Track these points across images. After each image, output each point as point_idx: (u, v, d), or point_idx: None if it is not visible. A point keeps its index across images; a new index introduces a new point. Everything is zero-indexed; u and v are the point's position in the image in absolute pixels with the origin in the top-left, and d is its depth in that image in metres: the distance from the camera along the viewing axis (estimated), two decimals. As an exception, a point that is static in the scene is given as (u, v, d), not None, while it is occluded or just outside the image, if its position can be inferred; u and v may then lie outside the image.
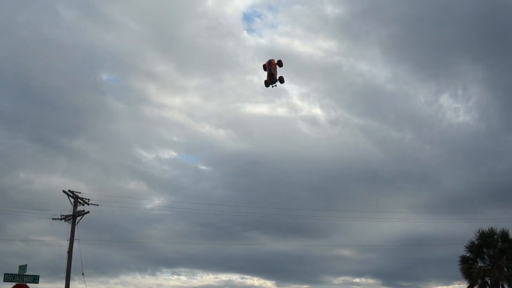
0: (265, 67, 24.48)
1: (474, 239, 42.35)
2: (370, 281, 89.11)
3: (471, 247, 42.14)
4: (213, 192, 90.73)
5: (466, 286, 41.14)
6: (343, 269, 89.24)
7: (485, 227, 42.50)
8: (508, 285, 40.04)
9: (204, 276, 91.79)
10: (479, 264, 41.58)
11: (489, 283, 40.54)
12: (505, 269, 40.68)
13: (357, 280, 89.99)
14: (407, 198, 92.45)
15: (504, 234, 41.71)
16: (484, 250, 41.85)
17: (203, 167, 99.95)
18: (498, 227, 42.48)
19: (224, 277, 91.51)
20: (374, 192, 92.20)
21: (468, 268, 41.12)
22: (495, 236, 41.76)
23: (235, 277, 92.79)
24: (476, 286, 40.84)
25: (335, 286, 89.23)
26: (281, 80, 24.54)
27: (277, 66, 24.31)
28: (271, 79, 24.43)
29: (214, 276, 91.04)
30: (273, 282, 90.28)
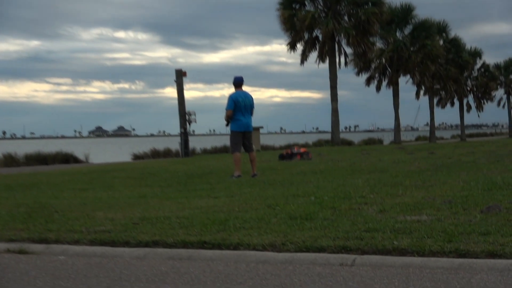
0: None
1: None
2: (142, 36, 72.40)
3: (297, -18, 28.14)
4: None
5: (287, 43, 28.28)
6: (99, 15, 70.17)
7: None
8: (347, 41, 27.90)
9: None
10: (307, 9, 28.29)
11: (319, 37, 27.96)
12: (345, 17, 28.03)
13: (121, 34, 72.02)
14: None
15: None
16: (316, -14, 28.37)
17: None
18: None
19: None
20: None
21: (290, 15, 27.73)
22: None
23: None
24: (301, 42, 28.24)
25: (85, 43, 69.93)
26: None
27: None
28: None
29: None
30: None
